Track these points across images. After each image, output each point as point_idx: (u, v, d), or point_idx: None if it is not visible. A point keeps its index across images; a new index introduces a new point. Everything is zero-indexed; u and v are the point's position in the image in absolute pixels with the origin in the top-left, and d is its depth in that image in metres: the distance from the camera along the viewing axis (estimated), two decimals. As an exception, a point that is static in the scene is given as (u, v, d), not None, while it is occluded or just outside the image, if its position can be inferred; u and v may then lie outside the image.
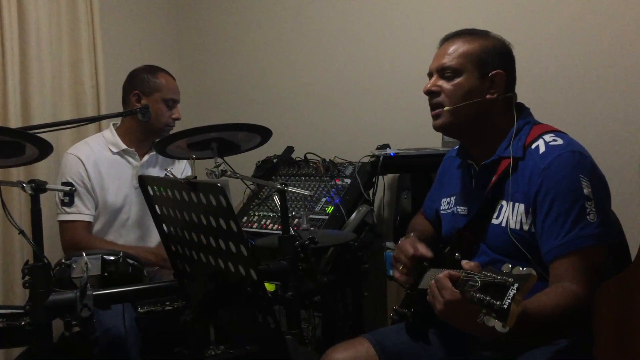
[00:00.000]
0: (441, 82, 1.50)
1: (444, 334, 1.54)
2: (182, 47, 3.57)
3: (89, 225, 2.25)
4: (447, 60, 1.49)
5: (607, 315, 1.17)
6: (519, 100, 1.55)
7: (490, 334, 1.08)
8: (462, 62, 1.48)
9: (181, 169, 2.46)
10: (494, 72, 1.48)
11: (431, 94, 1.52)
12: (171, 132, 2.32)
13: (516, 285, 1.03)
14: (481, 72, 1.48)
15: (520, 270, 1.05)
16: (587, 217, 1.32)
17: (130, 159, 2.35)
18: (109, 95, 2.89)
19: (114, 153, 2.33)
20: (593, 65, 2.21)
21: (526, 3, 2.35)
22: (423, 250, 1.52)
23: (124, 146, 2.33)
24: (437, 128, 1.55)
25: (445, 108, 1.49)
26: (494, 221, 1.46)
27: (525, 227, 1.40)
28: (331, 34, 2.95)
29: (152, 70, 2.35)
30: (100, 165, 2.28)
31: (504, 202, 1.45)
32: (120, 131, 2.36)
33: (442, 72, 1.50)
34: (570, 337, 1.37)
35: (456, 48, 1.49)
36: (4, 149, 1.63)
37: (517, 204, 1.42)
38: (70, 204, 2.19)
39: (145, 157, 2.37)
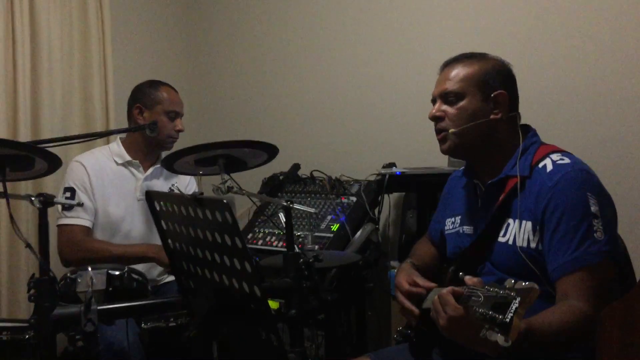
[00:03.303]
0: (445, 107, 1.52)
1: (448, 354, 1.53)
2: (191, 64, 3.61)
3: (87, 230, 2.25)
4: (449, 86, 1.51)
5: (611, 337, 1.16)
6: (525, 121, 1.57)
7: (493, 350, 1.08)
8: (463, 86, 1.50)
9: (185, 183, 2.47)
10: (496, 92, 1.49)
11: (436, 119, 1.54)
12: (176, 145, 2.34)
13: (518, 299, 1.03)
14: (484, 94, 1.49)
15: (523, 284, 1.06)
16: (595, 234, 1.32)
17: (134, 171, 2.37)
18: (118, 111, 2.92)
19: (118, 164, 2.35)
20: (600, 86, 2.21)
21: (532, 22, 2.36)
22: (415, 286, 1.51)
23: (128, 157, 2.35)
24: (444, 151, 1.56)
25: (451, 130, 1.50)
26: (501, 239, 1.46)
27: (533, 245, 1.40)
28: (339, 52, 2.97)
29: (154, 84, 2.38)
30: (103, 175, 2.30)
31: (510, 220, 1.45)
32: (126, 144, 2.38)
33: (445, 97, 1.52)
34: (575, 356, 1.36)
35: (457, 73, 1.52)
36: (14, 163, 1.64)
37: (524, 221, 1.42)
38: (71, 208, 2.21)
39: (150, 170, 2.38)
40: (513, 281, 1.08)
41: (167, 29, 3.53)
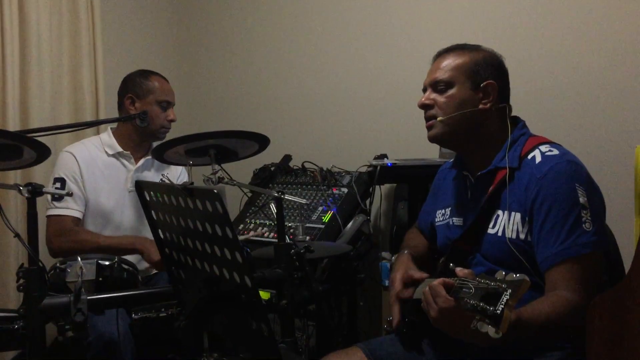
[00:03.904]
0: (434, 96, 1.53)
1: (438, 344, 1.54)
2: (182, 54, 3.58)
3: (76, 220, 2.23)
4: (439, 75, 1.53)
5: (600, 329, 1.17)
6: (515, 113, 1.57)
7: (484, 340, 1.09)
8: (453, 75, 1.51)
9: (177, 174, 2.46)
10: (486, 82, 1.50)
11: (425, 107, 1.55)
12: (167, 135, 2.33)
13: (509, 291, 1.04)
14: (473, 84, 1.51)
15: (514, 276, 1.07)
16: (583, 225, 1.34)
17: (126, 162, 2.35)
18: (107, 100, 2.90)
19: (109, 155, 2.33)
20: (588, 80, 2.22)
21: (522, 16, 2.37)
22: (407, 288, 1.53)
23: (119, 149, 2.33)
24: (430, 139, 1.57)
25: (439, 119, 1.51)
26: (490, 231, 1.47)
27: (522, 236, 1.41)
28: (330, 43, 2.96)
29: (145, 73, 2.35)
30: (94, 166, 2.28)
31: (500, 212, 1.46)
32: (117, 135, 2.36)
33: (435, 86, 1.53)
34: (563, 349, 1.37)
35: (448, 62, 1.53)
36: (2, 152, 1.62)
37: (513, 213, 1.43)
38: (61, 199, 2.19)
39: (141, 161, 2.37)
40: (504, 273, 1.09)
41: (157, 17, 3.50)
